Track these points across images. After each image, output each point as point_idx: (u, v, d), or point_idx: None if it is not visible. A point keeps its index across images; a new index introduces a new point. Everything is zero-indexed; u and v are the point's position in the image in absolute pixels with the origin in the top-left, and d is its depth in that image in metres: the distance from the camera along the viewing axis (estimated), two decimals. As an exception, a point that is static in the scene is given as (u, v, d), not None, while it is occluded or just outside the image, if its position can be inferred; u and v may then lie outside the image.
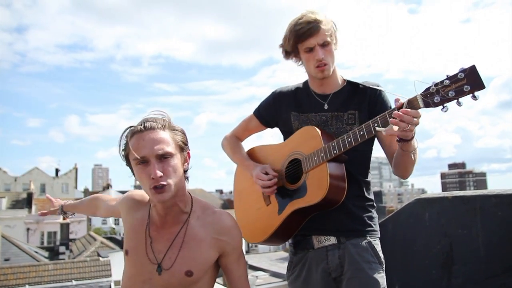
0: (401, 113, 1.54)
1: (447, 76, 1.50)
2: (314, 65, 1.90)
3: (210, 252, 1.54)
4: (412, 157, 1.75)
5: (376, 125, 1.67)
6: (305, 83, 2.09)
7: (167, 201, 1.49)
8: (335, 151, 1.78)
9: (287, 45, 1.93)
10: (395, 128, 1.57)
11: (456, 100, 1.49)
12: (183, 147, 1.54)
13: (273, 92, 2.15)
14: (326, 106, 1.98)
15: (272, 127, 2.21)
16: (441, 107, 1.51)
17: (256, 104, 2.23)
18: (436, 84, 1.51)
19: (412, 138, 1.66)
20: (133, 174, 1.54)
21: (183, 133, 1.57)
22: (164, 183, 1.43)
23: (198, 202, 1.63)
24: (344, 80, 2.05)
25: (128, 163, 1.53)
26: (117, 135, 1.57)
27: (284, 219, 1.93)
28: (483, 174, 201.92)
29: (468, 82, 1.45)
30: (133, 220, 1.62)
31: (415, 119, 1.55)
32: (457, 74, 1.47)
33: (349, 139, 1.75)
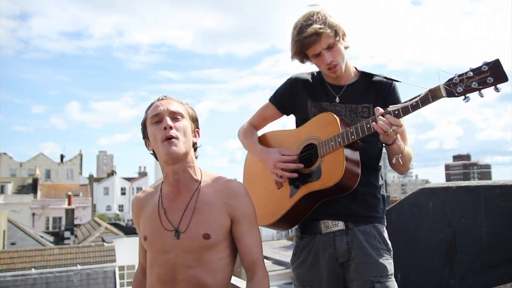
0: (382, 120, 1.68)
1: (470, 68, 1.55)
2: (325, 68, 1.95)
3: (222, 216, 1.60)
4: (399, 161, 1.84)
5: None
6: (320, 71, 2.10)
7: (177, 156, 1.57)
8: (352, 136, 1.79)
9: (296, 55, 1.98)
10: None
11: (478, 91, 1.54)
12: (194, 119, 1.70)
13: (289, 78, 2.15)
14: (337, 99, 2.00)
15: (288, 114, 2.19)
16: (463, 97, 1.57)
17: (259, 93, 2.23)
18: (459, 75, 1.56)
19: (393, 143, 1.77)
20: (147, 145, 1.68)
21: (194, 111, 1.73)
22: (174, 135, 1.56)
23: (209, 174, 1.72)
24: (358, 72, 2.07)
25: (145, 136, 1.67)
26: (119, 122, 1.74)
27: (295, 202, 1.92)
28: (488, 166, 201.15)
29: (491, 74, 1.50)
30: (147, 210, 1.70)
31: (394, 127, 1.67)
32: (480, 66, 1.53)
33: (368, 125, 1.75)
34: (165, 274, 1.57)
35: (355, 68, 2.08)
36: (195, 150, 1.69)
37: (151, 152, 1.67)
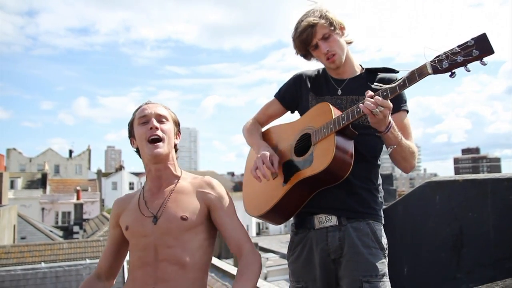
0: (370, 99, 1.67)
1: (457, 44, 1.52)
2: (324, 59, 1.98)
3: (197, 201, 1.75)
4: (396, 154, 1.81)
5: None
6: (325, 68, 2.13)
7: (160, 157, 1.72)
8: (343, 121, 1.78)
9: (299, 52, 2.06)
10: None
11: (464, 66, 1.50)
12: (176, 123, 1.86)
13: (294, 74, 2.20)
14: (339, 92, 2.01)
15: (293, 110, 2.20)
16: (449, 73, 1.53)
17: (266, 87, 2.27)
18: (445, 52, 1.54)
19: (387, 131, 1.72)
20: (132, 143, 1.82)
21: (176, 116, 1.88)
22: (160, 135, 1.71)
23: (189, 173, 1.88)
24: (363, 68, 2.08)
25: (131, 135, 1.81)
26: (126, 117, 1.87)
27: (288, 190, 1.89)
28: (498, 160, 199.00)
29: (477, 47, 1.47)
30: (129, 206, 1.84)
31: (380, 108, 1.64)
32: (467, 41, 1.49)
33: (358, 109, 1.73)
34: (146, 255, 1.68)
35: (360, 65, 2.09)
36: (176, 150, 1.85)
37: (135, 149, 1.83)
